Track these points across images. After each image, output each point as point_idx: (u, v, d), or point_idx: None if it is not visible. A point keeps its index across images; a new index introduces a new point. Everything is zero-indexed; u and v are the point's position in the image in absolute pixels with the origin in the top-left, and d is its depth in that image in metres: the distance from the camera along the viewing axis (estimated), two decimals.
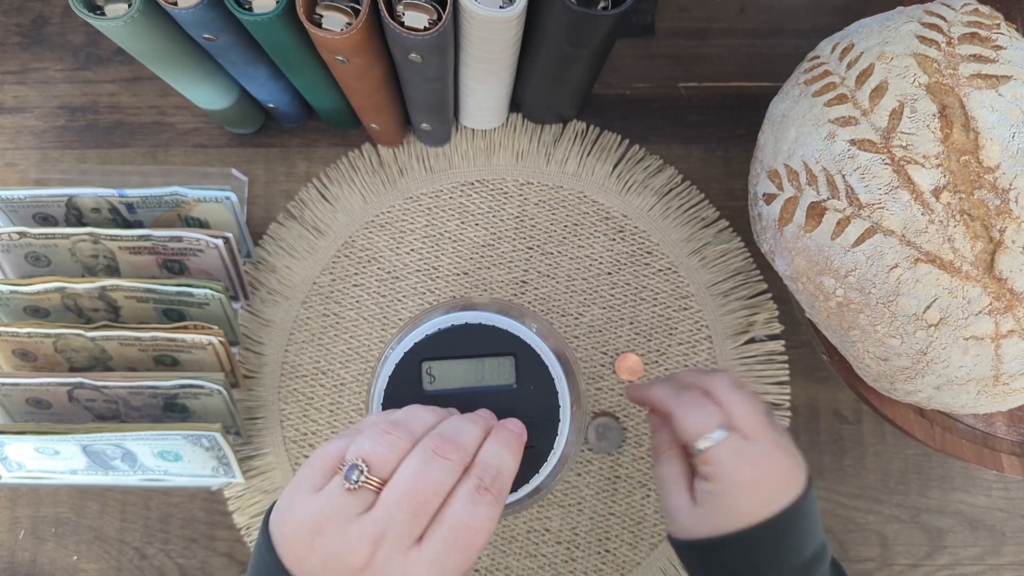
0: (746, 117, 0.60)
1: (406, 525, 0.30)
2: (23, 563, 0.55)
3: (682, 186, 0.59)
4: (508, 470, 0.34)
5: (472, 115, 0.57)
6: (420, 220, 0.59)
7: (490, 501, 0.32)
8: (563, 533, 0.55)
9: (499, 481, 0.33)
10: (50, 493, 0.56)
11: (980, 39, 0.42)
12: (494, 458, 0.34)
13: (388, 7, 0.41)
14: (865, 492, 0.56)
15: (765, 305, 0.58)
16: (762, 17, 0.61)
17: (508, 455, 0.34)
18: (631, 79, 0.61)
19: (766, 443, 0.38)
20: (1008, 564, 0.55)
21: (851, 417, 0.57)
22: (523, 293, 0.58)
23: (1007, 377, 0.41)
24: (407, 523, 0.30)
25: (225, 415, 0.53)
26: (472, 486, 0.32)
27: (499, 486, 0.33)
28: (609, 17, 0.42)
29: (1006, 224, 0.39)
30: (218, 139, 0.60)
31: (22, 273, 0.55)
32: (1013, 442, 0.50)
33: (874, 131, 0.41)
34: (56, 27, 0.61)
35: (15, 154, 0.60)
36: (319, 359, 0.57)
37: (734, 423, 0.38)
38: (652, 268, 0.58)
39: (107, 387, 0.51)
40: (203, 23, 0.42)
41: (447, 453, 0.32)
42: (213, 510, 0.56)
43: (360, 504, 0.30)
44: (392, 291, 0.58)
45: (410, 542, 0.30)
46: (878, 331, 0.42)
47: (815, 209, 0.42)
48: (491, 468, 0.33)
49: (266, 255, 0.58)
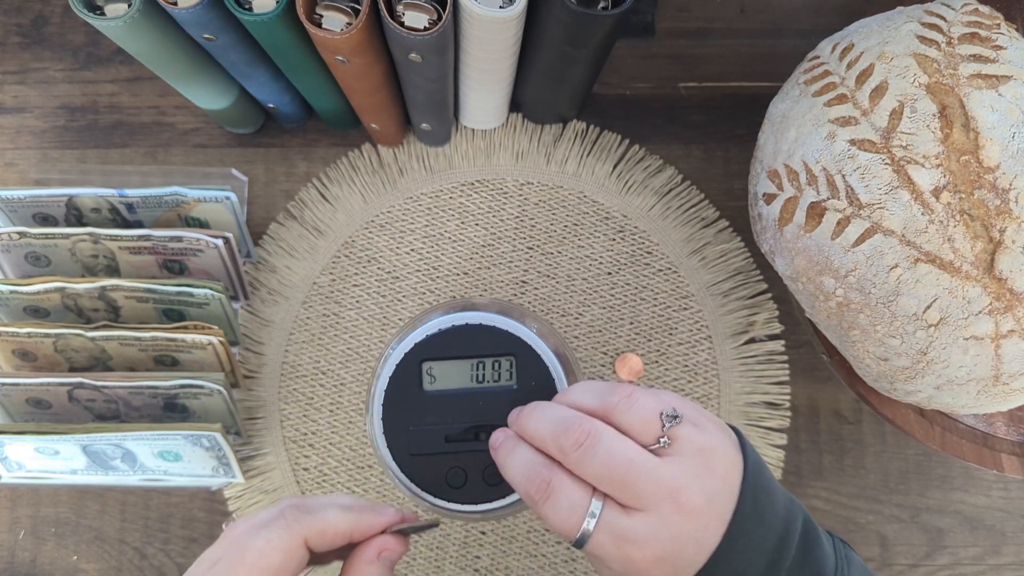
0: (746, 117, 0.60)
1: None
2: (23, 563, 0.55)
3: (682, 186, 0.59)
4: (328, 513, 0.33)
5: (472, 115, 0.57)
6: (420, 220, 0.59)
7: (278, 519, 0.32)
8: None
9: (304, 507, 0.33)
10: (50, 493, 0.56)
11: (980, 39, 0.42)
12: (324, 503, 0.34)
13: (388, 7, 0.41)
14: (865, 492, 0.56)
15: (765, 305, 0.58)
16: (762, 17, 0.61)
17: (343, 513, 0.33)
18: (631, 79, 0.61)
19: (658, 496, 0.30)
20: (1008, 564, 0.55)
21: (851, 417, 0.57)
22: (523, 293, 0.58)
23: (1007, 377, 0.41)
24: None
25: (225, 415, 0.53)
26: (276, 506, 0.33)
27: (301, 510, 0.33)
28: (609, 17, 0.42)
29: (1006, 224, 0.39)
30: (218, 139, 0.60)
31: (22, 273, 0.55)
32: (1013, 442, 0.50)
33: (874, 131, 0.41)
34: (56, 27, 0.61)
35: (15, 154, 0.60)
36: (319, 359, 0.57)
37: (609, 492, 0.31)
38: (652, 268, 0.58)
39: (107, 387, 0.51)
40: (203, 23, 0.42)
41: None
42: (213, 510, 0.56)
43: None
44: (392, 291, 0.58)
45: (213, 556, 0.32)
46: (878, 331, 0.42)
47: (815, 209, 0.42)
48: (308, 501, 0.33)
49: (266, 255, 0.58)
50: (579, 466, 0.32)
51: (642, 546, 0.30)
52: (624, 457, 0.31)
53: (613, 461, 0.31)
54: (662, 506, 0.30)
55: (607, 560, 0.31)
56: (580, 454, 0.31)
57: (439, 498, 0.38)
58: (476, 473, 0.38)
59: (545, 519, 0.32)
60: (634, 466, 0.31)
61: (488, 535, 0.55)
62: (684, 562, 0.31)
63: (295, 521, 0.32)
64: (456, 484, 0.37)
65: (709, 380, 0.57)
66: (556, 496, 0.32)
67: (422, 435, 0.38)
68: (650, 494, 0.31)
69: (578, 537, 0.31)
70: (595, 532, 0.31)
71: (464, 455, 0.38)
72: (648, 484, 0.31)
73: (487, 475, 0.37)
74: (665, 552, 0.31)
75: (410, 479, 0.38)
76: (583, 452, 0.31)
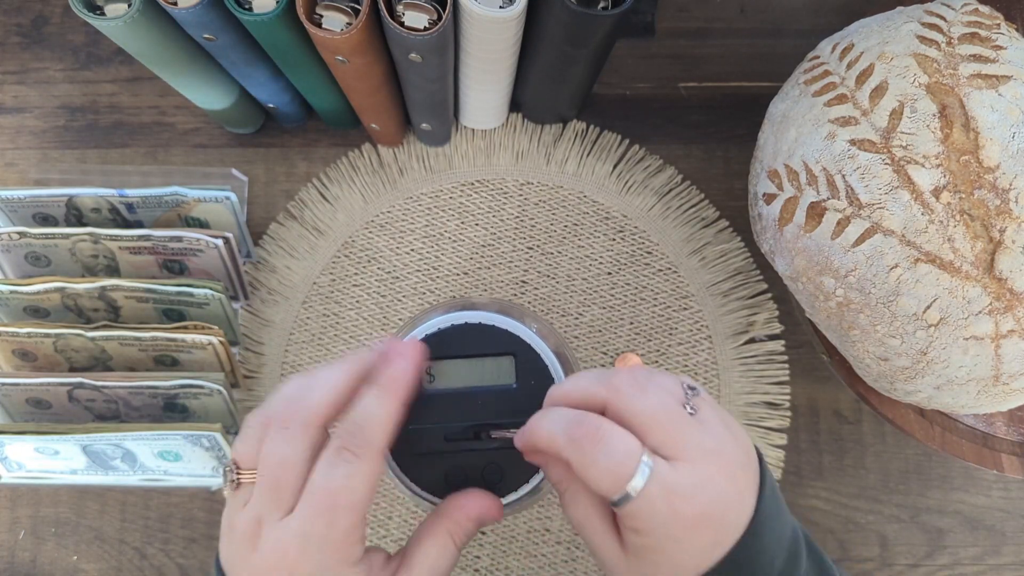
0: (746, 117, 0.60)
1: (269, 503, 0.31)
2: (23, 563, 0.55)
3: (682, 186, 0.59)
4: (374, 421, 0.32)
5: (472, 115, 0.57)
6: (420, 220, 0.59)
7: (349, 459, 0.31)
8: (563, 533, 0.55)
9: (361, 436, 0.31)
10: (50, 493, 0.56)
11: (980, 39, 0.42)
12: (359, 412, 0.32)
13: (388, 7, 0.41)
14: (865, 492, 0.56)
15: (765, 305, 0.58)
16: (762, 17, 0.61)
17: (375, 404, 0.32)
18: (631, 79, 0.61)
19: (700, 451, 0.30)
20: (1008, 564, 0.55)
21: (851, 417, 0.57)
22: (523, 293, 0.58)
23: (1007, 377, 0.41)
24: (269, 501, 0.31)
25: (225, 415, 0.53)
26: (332, 448, 0.31)
27: (362, 441, 0.31)
28: (609, 17, 0.42)
29: (1006, 224, 0.39)
30: (218, 139, 0.60)
31: (22, 273, 0.55)
32: (1013, 442, 0.50)
33: (874, 131, 0.41)
34: (56, 27, 0.61)
35: (15, 154, 0.60)
36: (319, 359, 0.57)
37: (653, 442, 0.30)
38: (652, 268, 0.58)
39: (107, 387, 0.51)
40: (203, 23, 0.42)
41: (285, 422, 0.32)
42: (213, 510, 0.56)
43: (244, 498, 0.32)
44: (392, 291, 0.58)
45: (281, 515, 0.31)
46: (878, 331, 0.42)
47: (815, 209, 0.42)
48: (353, 424, 0.31)
49: (266, 255, 0.58)
50: (633, 401, 0.31)
51: (691, 500, 0.29)
52: (674, 403, 0.31)
53: (664, 401, 0.31)
54: (708, 461, 0.30)
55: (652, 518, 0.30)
56: (634, 391, 0.31)
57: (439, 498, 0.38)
58: (476, 473, 0.37)
59: (594, 465, 0.30)
60: (681, 415, 0.30)
61: (488, 535, 0.55)
62: (726, 526, 0.30)
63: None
64: (456, 484, 0.37)
65: (709, 380, 0.57)
66: (609, 440, 0.30)
67: (422, 435, 0.37)
68: (695, 446, 0.30)
69: (626, 489, 0.29)
70: (648, 482, 0.29)
71: (464, 455, 0.38)
72: (693, 436, 0.30)
73: (487, 475, 0.37)
74: (711, 510, 0.30)
75: (410, 479, 0.38)
76: (637, 390, 0.31)
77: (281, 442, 0.31)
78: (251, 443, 0.32)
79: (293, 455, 0.31)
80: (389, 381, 0.33)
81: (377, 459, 0.31)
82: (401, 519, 0.55)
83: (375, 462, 0.31)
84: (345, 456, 0.31)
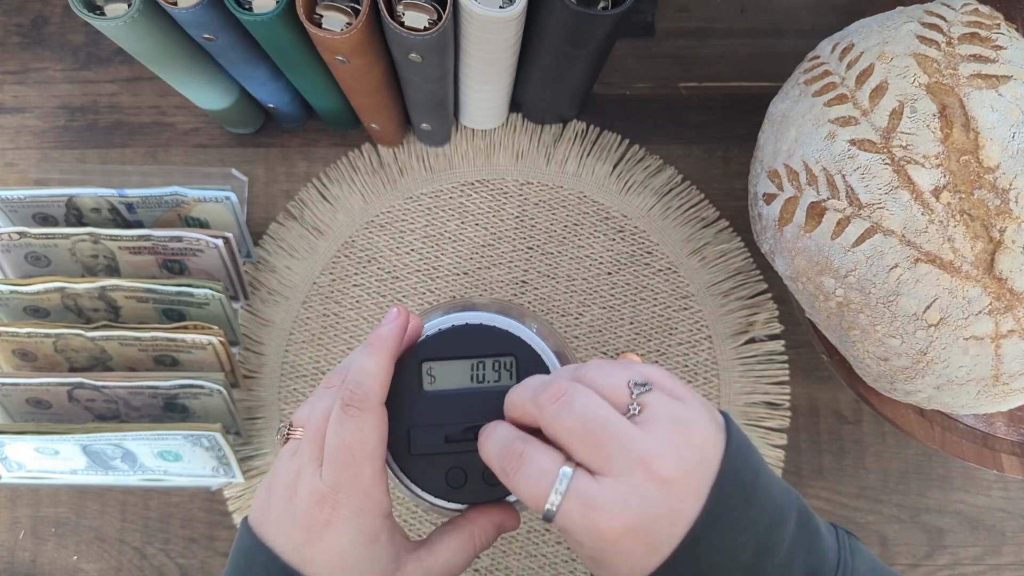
0: (746, 117, 0.60)
1: (309, 453, 0.34)
2: (23, 563, 0.55)
3: (682, 186, 0.59)
4: (368, 375, 0.34)
5: (472, 115, 0.57)
6: (420, 220, 0.59)
7: (355, 414, 0.34)
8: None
9: (360, 391, 0.34)
10: (50, 493, 0.56)
11: (980, 39, 0.42)
12: (354, 371, 0.35)
13: (388, 7, 0.41)
14: (865, 492, 0.56)
15: (765, 305, 0.58)
16: (762, 17, 0.61)
17: (366, 360, 0.35)
18: (631, 79, 0.61)
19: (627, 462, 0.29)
20: (1008, 564, 0.55)
21: (851, 417, 0.57)
22: (523, 293, 0.58)
23: (1007, 377, 0.41)
24: (309, 451, 0.34)
25: (225, 415, 0.53)
26: (337, 407, 0.34)
27: (362, 395, 0.34)
28: (609, 17, 0.42)
29: (1006, 224, 0.39)
30: (218, 139, 0.60)
31: (22, 273, 0.55)
32: (1013, 442, 0.50)
33: (874, 131, 0.41)
34: (56, 27, 0.61)
35: (15, 154, 0.60)
36: (319, 359, 0.57)
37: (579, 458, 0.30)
38: (652, 268, 0.58)
39: (107, 387, 0.51)
40: (203, 23, 0.42)
41: (333, 382, 0.36)
42: (213, 510, 0.56)
43: (292, 450, 0.35)
44: (392, 291, 0.58)
45: (317, 465, 0.34)
46: (878, 331, 0.42)
47: (815, 209, 0.42)
48: (352, 382, 0.34)
49: (266, 255, 0.58)
50: (555, 420, 0.31)
51: (610, 515, 0.29)
52: (599, 415, 0.30)
53: (588, 415, 0.30)
54: (633, 472, 0.29)
55: (576, 533, 0.30)
56: (557, 407, 0.31)
57: (439, 498, 0.38)
58: (476, 473, 0.37)
59: (516, 492, 0.31)
60: (609, 424, 0.30)
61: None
62: (659, 536, 0.29)
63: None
64: (456, 484, 0.37)
65: (709, 380, 0.57)
66: (527, 465, 0.31)
67: (422, 435, 0.37)
68: (622, 457, 0.29)
69: (547, 507, 0.30)
70: (564, 499, 0.30)
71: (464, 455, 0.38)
72: (620, 446, 0.29)
73: (487, 475, 0.37)
74: (636, 523, 0.29)
75: (410, 479, 0.38)
76: (560, 406, 0.31)
77: (325, 399, 0.35)
78: (307, 406, 0.36)
79: (330, 411, 0.35)
80: (377, 339, 0.35)
81: (379, 410, 0.34)
82: (401, 519, 0.55)
83: (377, 413, 0.34)
84: (351, 412, 0.34)
